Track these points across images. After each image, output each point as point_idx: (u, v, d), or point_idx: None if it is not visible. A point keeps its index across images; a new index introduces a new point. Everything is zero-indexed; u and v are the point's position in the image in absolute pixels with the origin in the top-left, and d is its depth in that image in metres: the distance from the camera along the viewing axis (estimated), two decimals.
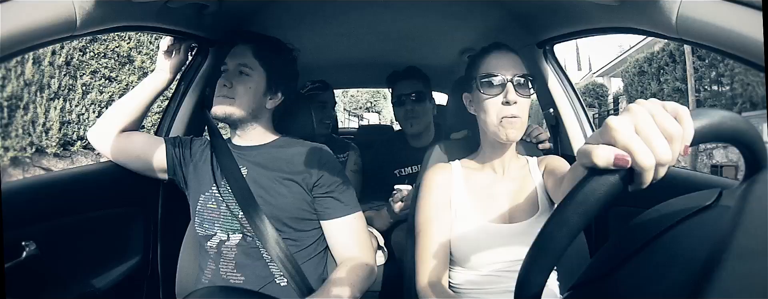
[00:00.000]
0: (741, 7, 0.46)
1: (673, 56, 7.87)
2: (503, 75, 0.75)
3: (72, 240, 0.84)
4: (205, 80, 1.14)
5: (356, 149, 1.62)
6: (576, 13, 0.88)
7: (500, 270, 0.76)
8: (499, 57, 0.78)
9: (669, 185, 0.90)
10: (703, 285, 0.28)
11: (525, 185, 0.81)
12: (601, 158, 0.31)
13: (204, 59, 1.14)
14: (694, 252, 0.33)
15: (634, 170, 0.31)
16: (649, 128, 0.32)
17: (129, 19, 0.73)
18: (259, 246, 0.86)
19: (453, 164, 0.86)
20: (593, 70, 12.93)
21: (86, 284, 0.85)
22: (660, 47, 8.44)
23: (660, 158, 0.31)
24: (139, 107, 0.96)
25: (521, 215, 0.78)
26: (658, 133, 0.32)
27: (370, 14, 1.27)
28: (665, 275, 0.35)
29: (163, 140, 0.96)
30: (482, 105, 0.77)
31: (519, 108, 0.75)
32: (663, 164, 0.32)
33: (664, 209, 0.42)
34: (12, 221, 0.68)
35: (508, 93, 0.74)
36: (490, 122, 0.76)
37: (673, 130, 0.32)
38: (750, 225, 0.30)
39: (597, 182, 0.32)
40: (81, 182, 0.93)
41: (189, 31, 0.96)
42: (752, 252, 0.29)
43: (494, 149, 0.82)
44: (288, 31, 1.22)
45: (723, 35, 0.48)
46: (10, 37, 0.49)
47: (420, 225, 0.81)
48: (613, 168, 0.31)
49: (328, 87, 1.63)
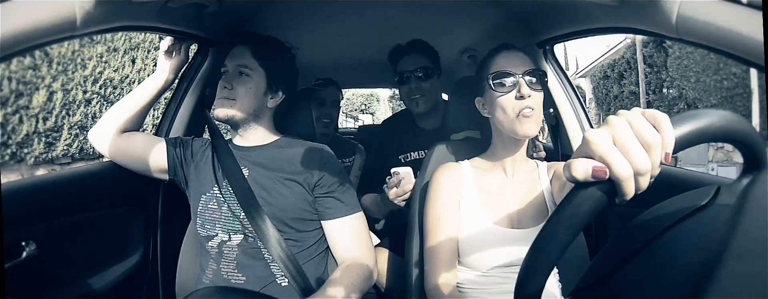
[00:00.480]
0: (741, 7, 0.46)
1: (630, 63, 8.94)
2: (514, 71, 0.76)
3: (72, 240, 0.84)
4: (205, 80, 1.14)
5: (362, 151, 1.58)
6: (576, 13, 0.88)
7: (504, 272, 0.77)
8: (508, 56, 0.80)
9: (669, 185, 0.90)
10: (703, 285, 0.28)
11: (534, 189, 0.82)
12: (579, 171, 0.32)
13: (204, 59, 1.14)
14: (694, 252, 0.33)
15: (614, 181, 0.31)
16: (626, 138, 0.32)
17: (129, 19, 0.72)
18: (260, 247, 0.86)
19: (462, 164, 0.86)
20: (579, 70, 13.05)
21: (86, 284, 0.85)
22: (621, 55, 9.42)
23: (638, 167, 0.31)
24: (140, 107, 0.96)
25: (529, 221, 0.79)
26: (636, 142, 0.32)
27: (369, 14, 1.27)
28: (665, 275, 0.35)
29: (163, 140, 0.96)
30: (496, 103, 0.78)
31: (533, 101, 0.76)
32: (642, 173, 0.31)
33: (664, 209, 0.42)
34: (12, 221, 0.68)
35: (522, 88, 0.75)
36: (506, 118, 0.77)
37: (650, 139, 0.31)
38: (749, 225, 0.30)
39: (581, 197, 0.33)
40: (81, 182, 0.93)
41: (189, 31, 0.96)
42: (752, 252, 0.29)
43: (507, 149, 0.83)
44: (288, 30, 1.22)
45: (723, 35, 0.48)
46: (10, 37, 0.49)
47: (429, 224, 0.81)
48: (593, 180, 0.32)
49: (328, 84, 1.59)
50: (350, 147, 1.59)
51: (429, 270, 0.79)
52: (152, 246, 1.03)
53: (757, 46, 0.44)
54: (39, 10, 0.52)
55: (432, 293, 0.77)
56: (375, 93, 16.89)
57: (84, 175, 0.96)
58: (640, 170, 0.31)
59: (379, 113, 16.69)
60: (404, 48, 1.31)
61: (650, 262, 0.37)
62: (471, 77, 1.03)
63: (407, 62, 1.28)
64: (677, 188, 0.46)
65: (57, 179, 0.90)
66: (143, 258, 1.01)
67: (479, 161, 0.88)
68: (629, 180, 0.31)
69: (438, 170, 0.85)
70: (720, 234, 0.31)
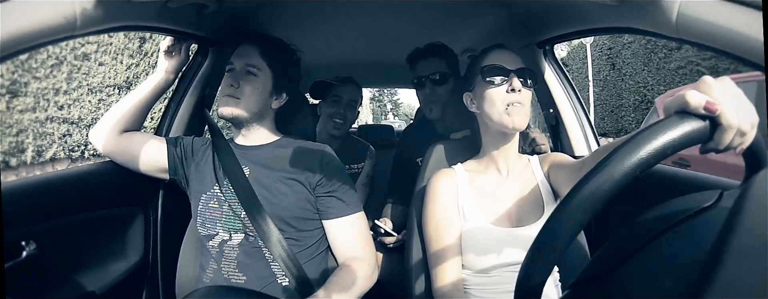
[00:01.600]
0: (741, 7, 0.46)
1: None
2: (508, 67, 0.78)
3: (72, 240, 0.84)
4: (205, 80, 1.14)
5: (374, 155, 1.51)
6: (576, 13, 0.88)
7: (506, 271, 0.77)
8: (501, 53, 0.81)
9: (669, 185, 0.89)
10: (703, 285, 0.28)
11: (529, 186, 0.82)
12: (693, 98, 0.33)
13: (204, 59, 1.14)
14: (694, 252, 0.33)
15: (719, 125, 0.33)
16: (738, 96, 0.34)
17: (129, 19, 0.72)
18: (261, 246, 0.86)
19: (456, 169, 0.86)
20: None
21: (86, 284, 0.85)
22: (566, 52, 11.19)
23: (742, 124, 0.33)
24: (140, 107, 0.96)
25: (528, 218, 0.79)
26: (747, 102, 0.34)
27: (369, 14, 1.27)
28: (665, 275, 0.35)
29: (164, 139, 0.96)
30: (486, 95, 0.78)
31: (522, 97, 0.77)
32: (743, 132, 0.33)
33: (664, 209, 0.42)
34: (12, 221, 0.68)
35: (513, 81, 0.77)
36: (496, 111, 0.77)
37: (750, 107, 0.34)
38: (750, 225, 0.30)
39: (680, 121, 0.33)
40: (81, 182, 0.93)
41: (189, 31, 0.96)
42: (752, 252, 0.29)
43: (498, 147, 0.83)
44: (287, 31, 1.22)
45: (723, 35, 0.48)
46: (10, 37, 0.49)
47: (430, 232, 0.81)
48: (696, 114, 0.33)
49: (348, 82, 1.50)
50: (362, 150, 1.51)
51: (436, 274, 0.79)
52: (152, 246, 1.03)
53: (757, 46, 0.44)
54: (39, 10, 0.52)
55: (439, 295, 0.78)
56: (366, 93, 16.89)
57: (84, 175, 0.96)
58: (743, 127, 0.33)
59: (362, 115, 16.64)
60: (422, 51, 1.28)
61: (651, 261, 0.37)
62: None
63: (423, 66, 1.26)
64: (677, 188, 0.46)
65: (57, 179, 0.90)
66: (143, 258, 1.01)
67: (472, 164, 0.88)
68: (732, 129, 0.33)
69: (433, 178, 0.85)
70: (720, 234, 0.31)
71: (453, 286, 0.77)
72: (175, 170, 0.95)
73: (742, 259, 0.28)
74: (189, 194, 0.94)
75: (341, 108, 1.45)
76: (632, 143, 0.33)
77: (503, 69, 0.78)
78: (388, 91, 25.28)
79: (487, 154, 0.85)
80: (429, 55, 1.26)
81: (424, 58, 1.26)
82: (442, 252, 0.79)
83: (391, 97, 24.42)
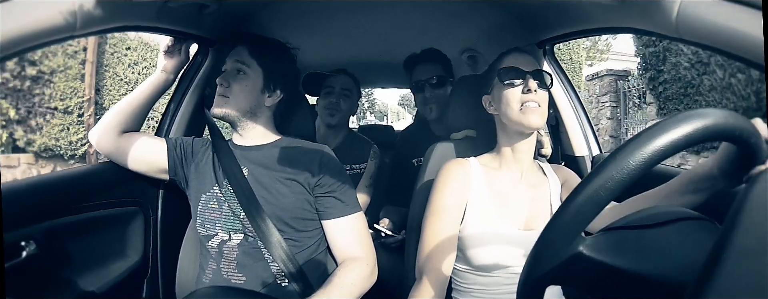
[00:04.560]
0: (741, 6, 0.46)
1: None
2: (524, 69, 0.80)
3: (72, 240, 0.84)
4: (205, 80, 1.14)
5: (377, 155, 1.48)
6: (576, 13, 0.88)
7: (508, 273, 0.77)
8: (518, 56, 0.83)
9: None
10: (703, 285, 0.28)
11: (541, 190, 0.84)
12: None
13: (204, 59, 1.14)
14: (694, 252, 0.33)
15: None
16: None
17: (129, 19, 0.73)
18: (260, 246, 0.86)
19: (471, 161, 0.86)
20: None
21: (86, 284, 0.85)
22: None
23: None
24: (140, 107, 0.96)
25: (537, 222, 0.80)
26: None
27: (370, 14, 1.27)
28: (665, 274, 0.34)
29: (164, 140, 0.96)
30: (503, 96, 0.80)
31: (539, 97, 0.78)
32: None
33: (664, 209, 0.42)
34: (12, 221, 0.69)
35: (529, 82, 0.78)
36: (512, 110, 0.79)
37: None
38: (750, 225, 0.30)
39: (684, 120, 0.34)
40: (81, 182, 0.93)
41: (189, 31, 0.96)
42: (752, 252, 0.29)
43: (515, 147, 0.83)
44: (288, 30, 1.22)
45: (723, 35, 0.48)
46: (10, 37, 0.49)
47: (433, 209, 0.80)
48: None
49: (339, 73, 1.48)
50: (365, 149, 1.48)
51: (426, 252, 0.78)
52: (152, 246, 1.03)
53: (757, 46, 0.44)
54: (39, 10, 0.52)
55: (422, 270, 0.76)
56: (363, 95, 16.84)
57: (84, 175, 0.96)
58: None
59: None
60: (418, 57, 1.37)
61: (650, 261, 0.37)
62: (472, 75, 1.03)
63: (421, 71, 1.35)
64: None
65: (57, 179, 0.90)
66: (143, 258, 1.01)
67: (487, 159, 0.87)
68: None
69: (446, 165, 0.84)
70: (720, 234, 0.31)
71: (440, 264, 0.76)
72: (175, 171, 0.95)
73: (742, 259, 0.28)
74: (188, 195, 0.94)
75: (334, 97, 1.44)
76: (635, 140, 0.34)
77: (519, 71, 0.80)
78: (365, 90, 25.21)
79: (504, 153, 0.85)
80: (425, 60, 1.36)
81: (421, 63, 1.36)
82: (439, 231, 0.78)
83: (368, 96, 24.15)
